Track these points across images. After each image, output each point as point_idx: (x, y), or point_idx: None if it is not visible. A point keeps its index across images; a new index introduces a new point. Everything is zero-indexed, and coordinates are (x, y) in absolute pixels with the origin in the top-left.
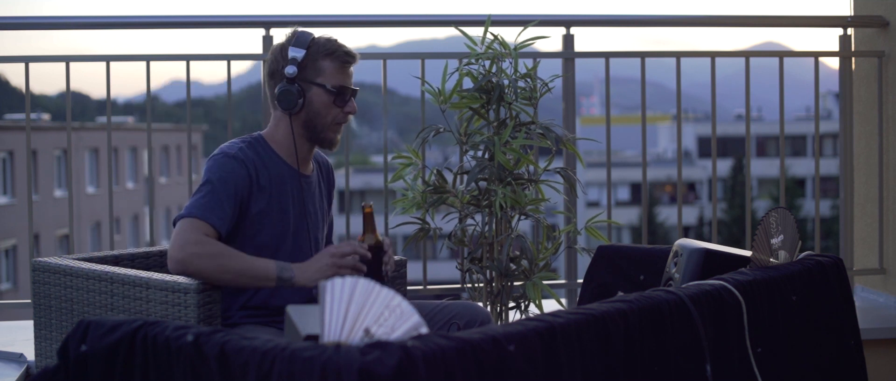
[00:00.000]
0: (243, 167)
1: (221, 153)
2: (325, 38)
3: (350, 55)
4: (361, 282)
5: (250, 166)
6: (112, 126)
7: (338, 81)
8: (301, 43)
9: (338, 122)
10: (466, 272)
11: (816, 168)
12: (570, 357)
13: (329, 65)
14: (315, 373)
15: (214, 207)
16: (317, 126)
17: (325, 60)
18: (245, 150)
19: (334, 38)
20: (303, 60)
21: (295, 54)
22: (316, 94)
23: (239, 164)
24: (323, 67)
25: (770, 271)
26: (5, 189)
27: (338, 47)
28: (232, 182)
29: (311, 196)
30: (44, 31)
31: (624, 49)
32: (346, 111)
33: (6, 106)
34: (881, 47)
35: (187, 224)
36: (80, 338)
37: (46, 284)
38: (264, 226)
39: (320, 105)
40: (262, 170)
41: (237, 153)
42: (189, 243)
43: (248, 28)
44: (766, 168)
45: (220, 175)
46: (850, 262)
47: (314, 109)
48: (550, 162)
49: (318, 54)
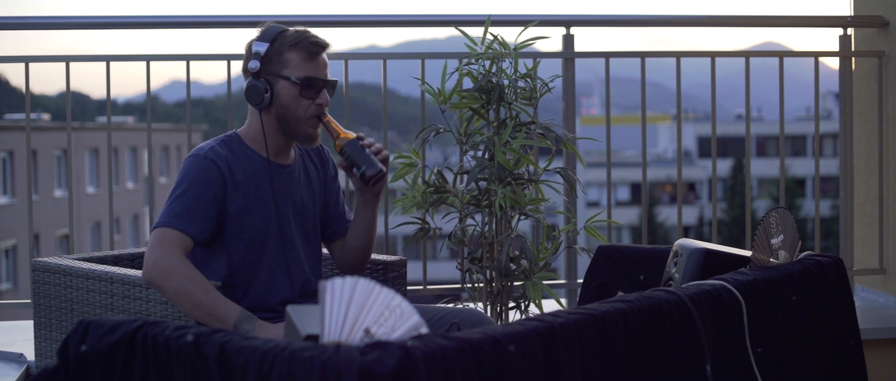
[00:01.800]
0: (215, 167)
1: (193, 155)
2: (292, 30)
3: (317, 45)
4: (361, 282)
5: (223, 165)
6: (112, 126)
7: (304, 72)
8: (266, 37)
9: (311, 115)
10: (466, 272)
11: (816, 168)
12: (570, 357)
13: (295, 56)
14: (315, 373)
15: (189, 213)
16: (289, 121)
17: (290, 52)
18: (217, 149)
19: (303, 30)
20: (267, 54)
21: (258, 48)
22: (283, 87)
23: (210, 164)
24: (288, 59)
25: (770, 271)
26: (5, 189)
27: (303, 37)
28: (206, 184)
29: (295, 185)
30: (44, 31)
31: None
32: (317, 103)
33: (6, 106)
34: (881, 47)
35: (162, 236)
36: (80, 338)
37: (46, 284)
38: (246, 223)
39: (288, 98)
40: (236, 167)
41: (208, 153)
42: (162, 260)
43: (248, 28)
44: (766, 168)
45: (193, 178)
46: (850, 262)
47: (283, 104)
48: (550, 162)
49: (284, 46)
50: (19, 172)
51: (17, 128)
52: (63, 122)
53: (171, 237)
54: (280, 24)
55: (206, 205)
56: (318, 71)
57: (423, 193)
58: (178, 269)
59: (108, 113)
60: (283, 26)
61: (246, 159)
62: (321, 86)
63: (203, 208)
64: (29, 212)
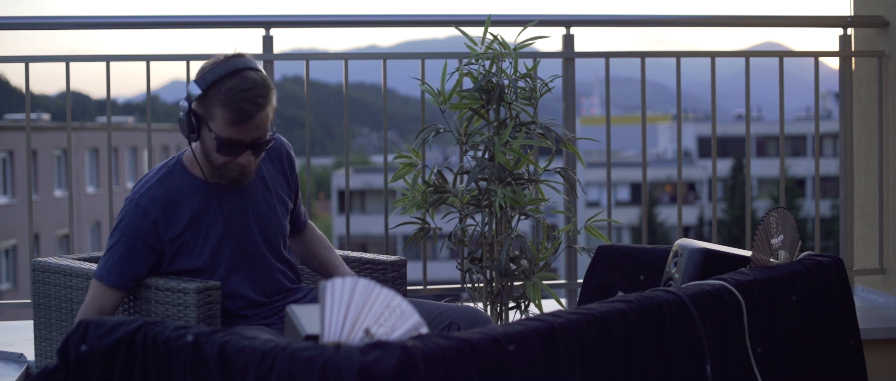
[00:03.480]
0: (145, 214)
1: (128, 200)
2: (233, 82)
3: (244, 113)
4: (361, 282)
5: (155, 210)
6: (112, 126)
7: (226, 133)
8: (203, 81)
9: (232, 168)
10: (466, 272)
11: (816, 168)
12: (570, 357)
13: (219, 114)
14: (315, 373)
15: (119, 266)
16: (211, 163)
17: (216, 108)
18: (151, 192)
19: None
20: (198, 98)
21: (192, 90)
22: (206, 134)
23: (142, 212)
24: (213, 114)
25: (770, 271)
26: (5, 189)
27: (232, 100)
28: (137, 234)
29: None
30: (44, 31)
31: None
32: (237, 162)
33: (6, 106)
34: (881, 47)
35: (93, 290)
36: (80, 338)
37: (46, 284)
38: (197, 248)
39: (209, 147)
40: (175, 200)
41: (140, 200)
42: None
43: (248, 28)
44: (766, 168)
45: (123, 229)
46: (850, 262)
47: (205, 147)
48: (550, 162)
49: (213, 99)
50: (19, 172)
51: (17, 128)
52: (63, 122)
53: (94, 296)
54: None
55: (135, 255)
56: (242, 134)
57: (423, 193)
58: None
59: (108, 113)
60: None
61: (189, 187)
62: (243, 150)
63: (132, 259)
64: (29, 212)
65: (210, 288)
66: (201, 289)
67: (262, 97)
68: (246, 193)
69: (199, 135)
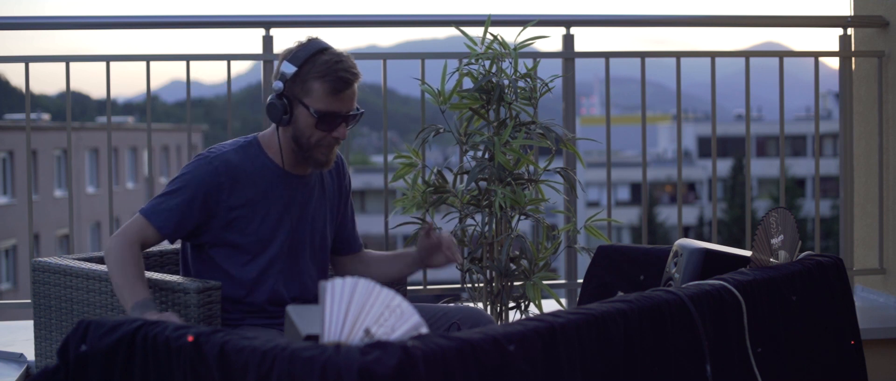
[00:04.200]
0: (216, 173)
1: (202, 156)
2: (327, 57)
3: (343, 81)
4: (361, 282)
5: (224, 172)
6: (112, 126)
7: (324, 105)
8: (297, 58)
9: (324, 144)
10: (466, 272)
11: (816, 168)
12: (570, 357)
13: (318, 87)
14: (315, 373)
15: (169, 212)
16: (302, 144)
17: (314, 82)
18: (228, 156)
19: (336, 60)
20: (292, 77)
21: (285, 70)
22: (301, 113)
23: (212, 170)
24: (311, 89)
25: (770, 271)
26: (5, 189)
27: (330, 71)
28: (199, 189)
29: (308, 197)
30: (44, 31)
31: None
32: (333, 136)
33: (6, 106)
34: (881, 47)
35: (133, 222)
36: (80, 338)
37: (46, 284)
38: (250, 226)
39: (304, 125)
40: (247, 175)
41: (214, 159)
42: (112, 240)
43: (248, 28)
44: (766, 168)
45: (189, 180)
46: (850, 262)
47: (299, 128)
48: (550, 162)
49: (310, 74)
50: (19, 172)
51: (17, 128)
52: (63, 122)
53: (138, 226)
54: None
55: (190, 208)
56: (340, 105)
57: (423, 193)
58: (113, 249)
59: (108, 113)
60: (320, 45)
61: (262, 167)
62: (339, 122)
63: (186, 210)
64: (29, 212)
65: (210, 288)
66: (201, 289)
67: (354, 67)
68: (309, 191)
69: (292, 117)
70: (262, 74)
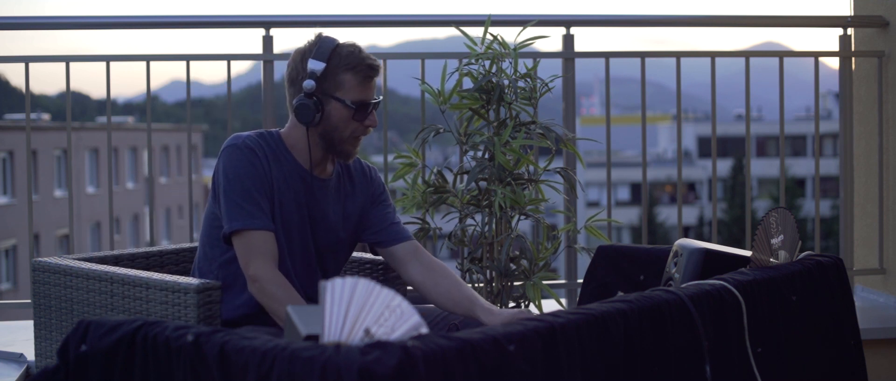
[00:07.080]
0: (253, 154)
1: (232, 146)
2: (347, 48)
3: (373, 69)
4: (361, 282)
5: (262, 156)
6: (112, 126)
7: (358, 95)
8: (321, 54)
9: (356, 135)
10: (466, 272)
11: (816, 168)
12: (570, 357)
13: (350, 79)
14: (315, 373)
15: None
16: (334, 139)
17: (345, 74)
18: (258, 141)
19: (356, 49)
20: (322, 73)
21: (314, 67)
22: (335, 107)
23: (249, 152)
24: (343, 81)
25: (770, 271)
26: (5, 189)
27: (360, 61)
28: (254, 172)
29: (327, 200)
30: (44, 31)
31: (624, 49)
32: (365, 125)
33: (6, 106)
34: (881, 47)
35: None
36: (80, 338)
37: (46, 284)
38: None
39: (338, 119)
40: (273, 164)
41: (247, 141)
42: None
43: (248, 28)
44: (766, 168)
45: (237, 170)
46: (850, 262)
47: (332, 123)
48: (550, 162)
49: (339, 67)
50: (19, 172)
51: (17, 128)
52: (63, 122)
53: (258, 243)
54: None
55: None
56: (370, 93)
57: (423, 193)
58: (268, 282)
59: (108, 113)
60: (334, 40)
61: (285, 162)
62: (371, 110)
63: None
64: (29, 212)
65: (210, 288)
66: (201, 289)
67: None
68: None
69: (324, 113)
70: (262, 74)
